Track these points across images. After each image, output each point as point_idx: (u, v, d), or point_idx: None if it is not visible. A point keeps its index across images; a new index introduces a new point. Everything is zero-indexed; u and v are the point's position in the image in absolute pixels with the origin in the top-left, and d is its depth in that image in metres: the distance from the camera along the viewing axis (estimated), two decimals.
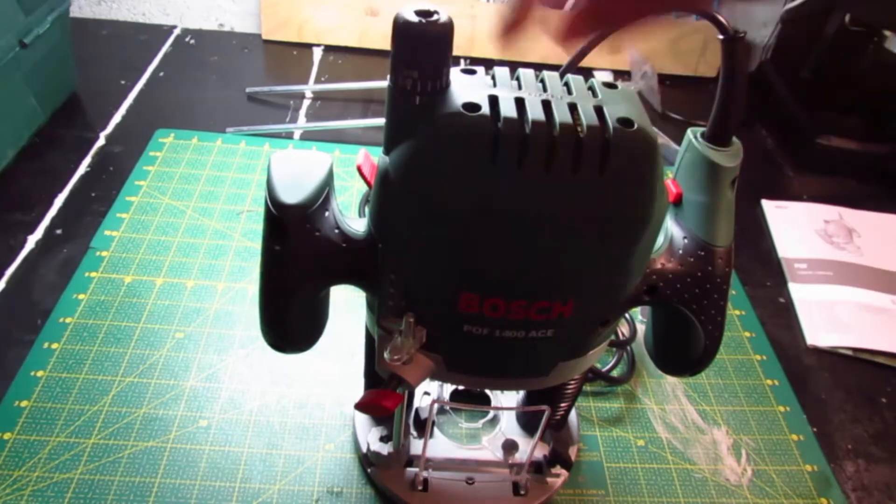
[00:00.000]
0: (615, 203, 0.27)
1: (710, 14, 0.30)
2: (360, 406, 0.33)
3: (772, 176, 0.81)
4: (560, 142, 0.26)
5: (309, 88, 0.83)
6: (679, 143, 0.83)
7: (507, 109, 0.26)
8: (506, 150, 0.26)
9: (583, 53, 0.36)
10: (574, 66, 0.36)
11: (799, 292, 0.65)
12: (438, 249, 0.29)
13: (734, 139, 0.33)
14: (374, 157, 0.32)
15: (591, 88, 0.29)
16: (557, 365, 0.34)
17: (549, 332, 0.31)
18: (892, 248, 0.71)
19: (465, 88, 0.27)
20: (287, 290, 0.33)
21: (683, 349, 0.36)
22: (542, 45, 0.25)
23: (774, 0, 0.91)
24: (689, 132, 0.34)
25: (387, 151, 0.29)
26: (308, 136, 0.76)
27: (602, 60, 0.94)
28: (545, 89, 0.28)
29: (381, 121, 0.30)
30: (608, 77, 0.94)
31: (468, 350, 0.32)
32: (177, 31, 0.92)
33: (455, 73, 0.28)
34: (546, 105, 0.27)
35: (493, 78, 0.29)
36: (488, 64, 0.30)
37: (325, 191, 0.32)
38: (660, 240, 0.35)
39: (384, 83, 0.28)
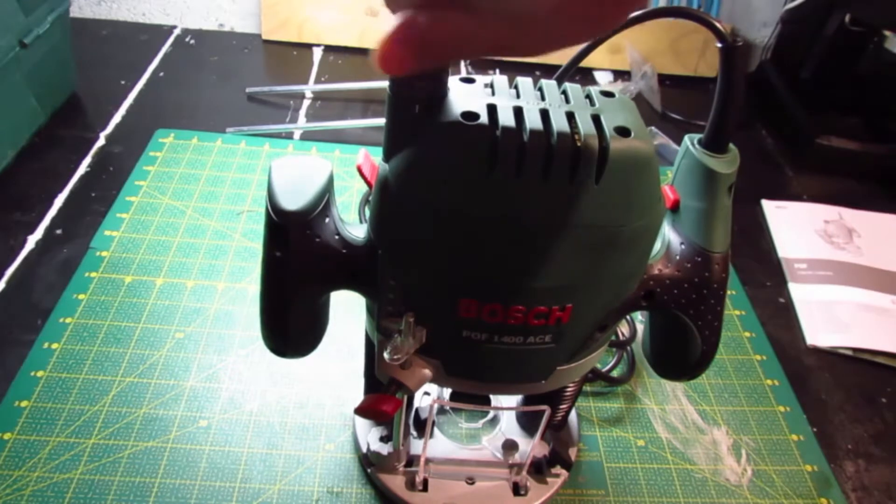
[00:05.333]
0: (612, 211, 0.27)
1: (708, 21, 0.30)
2: (360, 411, 0.34)
3: (772, 176, 0.81)
4: (557, 151, 0.26)
5: (309, 88, 0.83)
6: (678, 143, 0.83)
7: (506, 118, 0.26)
8: (504, 159, 0.26)
9: (578, 59, 0.36)
10: (570, 71, 0.37)
11: (799, 292, 0.65)
12: (437, 256, 0.29)
13: (731, 146, 0.33)
14: (374, 157, 0.32)
15: (589, 97, 0.29)
16: (556, 370, 0.34)
17: (547, 338, 0.31)
18: (892, 248, 0.71)
19: (464, 97, 0.27)
20: (287, 296, 0.33)
21: (681, 354, 0.36)
22: None
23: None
24: (687, 139, 0.34)
25: (386, 159, 0.29)
26: (308, 137, 0.76)
27: (602, 60, 0.94)
28: (543, 98, 0.28)
29: (380, 121, 0.30)
30: (608, 77, 0.94)
31: (467, 355, 0.32)
32: (177, 31, 0.92)
33: (454, 82, 0.28)
34: (544, 114, 0.27)
35: (492, 86, 0.29)
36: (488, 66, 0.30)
37: (325, 197, 0.32)
38: (657, 246, 0.35)
39: (384, 83, 0.28)
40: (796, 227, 0.72)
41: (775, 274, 0.67)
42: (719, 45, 0.30)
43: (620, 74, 0.94)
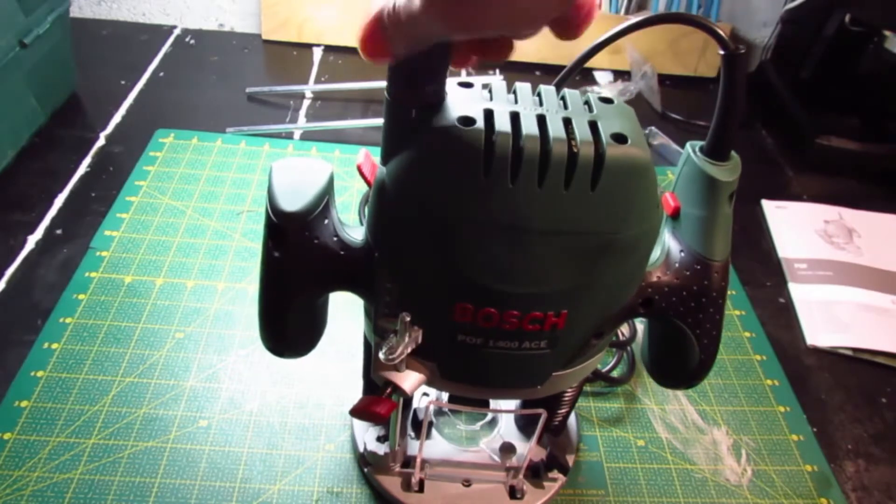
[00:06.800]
0: (608, 217, 0.27)
1: (710, 28, 0.30)
2: (355, 412, 0.34)
3: (772, 176, 0.81)
4: (553, 157, 0.26)
5: (309, 88, 0.83)
6: (678, 142, 0.83)
7: (502, 124, 0.26)
8: (499, 165, 0.26)
9: (579, 63, 0.36)
10: (571, 75, 0.37)
11: (799, 292, 0.65)
12: (433, 260, 0.29)
13: (733, 153, 0.33)
14: (374, 156, 0.32)
15: (587, 103, 0.29)
16: (551, 375, 0.34)
17: (542, 343, 0.31)
18: (892, 248, 0.71)
19: (461, 102, 0.28)
20: (286, 296, 0.33)
21: (679, 362, 0.36)
22: (541, 45, 0.25)
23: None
24: (689, 146, 0.34)
25: (384, 162, 0.29)
26: (308, 137, 0.76)
27: (602, 60, 0.94)
28: (541, 103, 0.28)
29: (380, 121, 0.30)
30: (608, 77, 0.94)
31: (462, 359, 0.33)
32: (177, 31, 0.92)
33: (452, 86, 0.28)
34: (541, 120, 0.27)
35: (490, 91, 0.29)
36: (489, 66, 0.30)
37: (324, 199, 0.32)
38: (656, 253, 0.35)
39: (384, 83, 0.28)
40: (796, 227, 0.72)
41: (775, 274, 0.67)
42: (721, 52, 0.30)
43: (620, 74, 0.94)
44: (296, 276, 0.33)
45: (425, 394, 0.48)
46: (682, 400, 0.54)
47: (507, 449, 0.47)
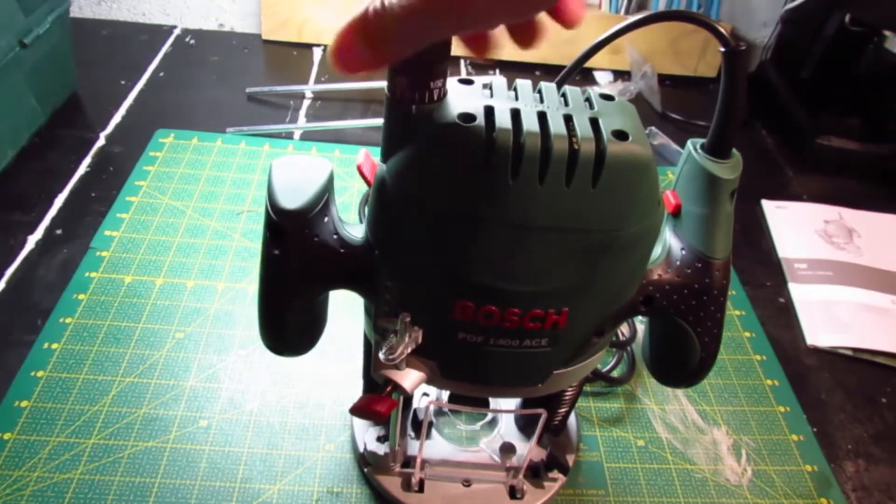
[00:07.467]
0: (609, 215, 0.27)
1: (711, 26, 0.30)
2: (355, 410, 0.34)
3: (772, 176, 0.81)
4: (554, 153, 0.26)
5: (309, 88, 0.83)
6: (678, 142, 0.83)
7: (503, 120, 0.26)
8: (500, 161, 0.26)
9: (581, 62, 0.36)
10: (572, 73, 0.37)
11: (799, 292, 0.65)
12: (433, 258, 0.29)
13: (734, 151, 0.33)
14: (374, 156, 0.32)
15: (588, 100, 0.29)
16: (552, 374, 0.34)
17: (543, 341, 0.31)
18: (892, 248, 0.71)
19: (462, 99, 0.27)
20: (285, 294, 0.33)
21: (680, 361, 0.36)
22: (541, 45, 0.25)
23: None
24: (690, 143, 0.34)
25: (384, 159, 0.29)
26: (308, 137, 0.76)
27: (602, 60, 0.94)
28: (542, 100, 0.28)
29: (380, 121, 0.30)
30: (608, 77, 0.94)
31: (462, 357, 0.32)
32: (177, 31, 0.92)
33: (452, 83, 0.28)
34: (541, 116, 0.27)
35: (490, 88, 0.29)
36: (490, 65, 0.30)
37: (324, 197, 0.32)
38: (657, 250, 0.35)
39: (384, 83, 0.28)
40: (796, 227, 0.72)
41: (775, 274, 0.67)
42: (722, 49, 0.30)
43: (620, 74, 0.94)
44: (295, 275, 0.33)
45: (425, 393, 0.48)
46: (682, 400, 0.54)
47: (507, 449, 0.47)
